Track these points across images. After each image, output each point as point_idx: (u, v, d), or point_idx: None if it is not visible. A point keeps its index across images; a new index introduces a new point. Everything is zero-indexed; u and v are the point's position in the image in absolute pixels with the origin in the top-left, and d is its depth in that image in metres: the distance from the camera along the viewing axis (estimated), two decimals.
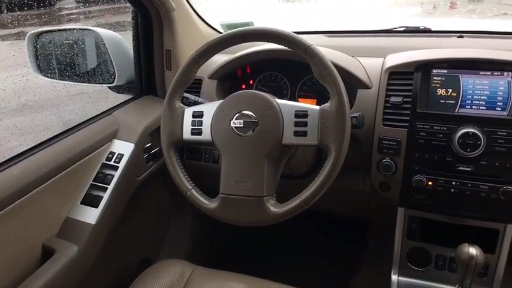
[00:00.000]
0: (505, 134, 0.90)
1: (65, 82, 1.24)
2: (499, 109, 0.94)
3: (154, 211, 1.36)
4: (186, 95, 1.02)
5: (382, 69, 1.05)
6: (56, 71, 1.23)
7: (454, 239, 0.96)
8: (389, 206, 1.07)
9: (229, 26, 1.45)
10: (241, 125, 0.84)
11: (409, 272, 1.10)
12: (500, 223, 1.00)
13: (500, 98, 0.94)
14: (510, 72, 0.94)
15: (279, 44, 0.87)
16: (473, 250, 0.86)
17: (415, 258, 1.10)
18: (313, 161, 1.08)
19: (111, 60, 1.21)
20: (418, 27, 1.38)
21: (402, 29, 1.39)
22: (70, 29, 1.27)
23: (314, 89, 1.18)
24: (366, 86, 1.05)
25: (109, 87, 1.28)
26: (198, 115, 0.90)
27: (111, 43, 1.21)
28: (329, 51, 1.11)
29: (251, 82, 1.25)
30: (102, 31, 1.21)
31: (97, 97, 1.35)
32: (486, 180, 0.93)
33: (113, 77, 1.23)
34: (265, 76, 1.23)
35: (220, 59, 1.19)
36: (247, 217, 0.83)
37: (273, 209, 0.82)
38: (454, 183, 0.95)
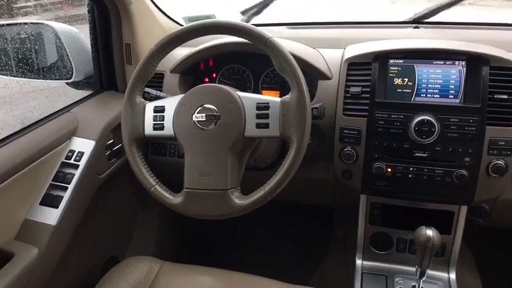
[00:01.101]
0: (457, 120, 0.94)
1: (19, 79, 1.19)
2: (452, 97, 0.98)
3: (120, 208, 1.33)
4: (147, 89, 1.00)
5: (342, 60, 1.07)
6: (8, 67, 1.17)
7: (413, 223, 1.00)
8: (352, 193, 1.10)
9: (191, 19, 1.44)
10: (204, 119, 0.84)
11: (372, 256, 1.15)
12: (454, 205, 1.05)
13: (453, 86, 0.98)
14: (461, 62, 0.98)
15: (238, 36, 0.87)
16: (430, 232, 0.90)
17: (377, 243, 1.14)
18: (277, 153, 1.09)
19: (67, 55, 1.17)
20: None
21: (362, 20, 1.42)
22: (22, 23, 1.22)
23: (277, 80, 1.19)
24: (326, 77, 1.07)
25: (67, 83, 1.24)
26: (160, 110, 0.89)
27: (67, 37, 1.17)
28: (290, 43, 1.12)
29: (214, 75, 1.24)
30: (56, 25, 1.16)
31: (54, 94, 1.31)
32: (441, 165, 0.97)
33: (70, 72, 1.19)
34: (228, 69, 1.23)
35: (182, 52, 1.18)
36: (212, 210, 0.83)
37: (237, 201, 0.82)
38: (411, 169, 0.99)
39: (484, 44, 1.02)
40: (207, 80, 1.24)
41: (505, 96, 0.93)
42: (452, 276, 1.09)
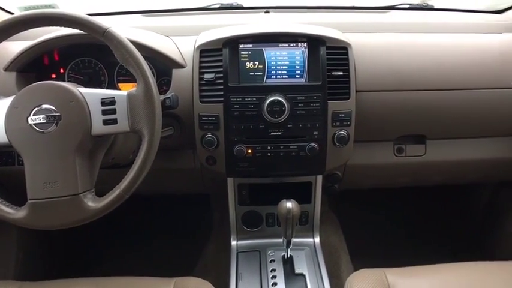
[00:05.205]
0: (303, 98, 1.02)
1: None
2: (298, 76, 1.05)
3: None
4: None
5: (194, 47, 1.07)
6: None
7: (278, 198, 1.06)
8: (219, 178, 1.13)
9: (27, 9, 1.28)
10: (42, 121, 0.76)
11: (245, 235, 1.20)
12: (311, 176, 1.15)
13: (298, 67, 1.05)
14: (303, 43, 1.05)
15: (73, 28, 0.81)
16: (289, 204, 0.98)
17: (249, 221, 1.20)
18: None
19: None
20: (232, 3, 1.44)
21: (217, 5, 1.43)
22: None
23: None
24: (180, 65, 1.06)
25: None
26: None
27: None
28: (139, 32, 1.08)
29: (62, 71, 1.13)
30: None
31: None
32: (294, 141, 1.04)
33: None
34: (78, 63, 1.13)
35: (17, 47, 1.04)
36: (63, 219, 0.77)
37: (91, 204, 0.78)
38: (269, 147, 1.04)
39: (325, 26, 1.12)
40: (54, 76, 1.13)
41: (341, 73, 1.04)
42: (317, 239, 1.20)
